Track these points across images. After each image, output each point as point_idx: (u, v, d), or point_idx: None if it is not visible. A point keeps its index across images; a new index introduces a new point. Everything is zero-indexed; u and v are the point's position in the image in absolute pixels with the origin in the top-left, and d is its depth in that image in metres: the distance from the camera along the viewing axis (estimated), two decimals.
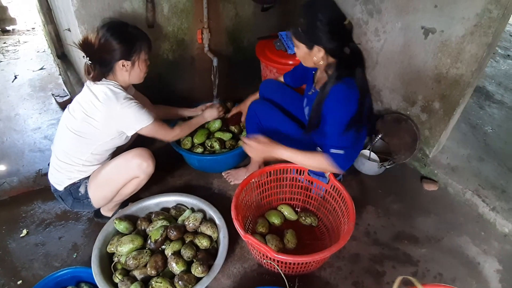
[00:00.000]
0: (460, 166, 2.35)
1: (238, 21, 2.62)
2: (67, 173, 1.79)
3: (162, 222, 1.80)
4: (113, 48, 1.62)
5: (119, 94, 1.68)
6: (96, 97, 1.66)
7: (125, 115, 1.68)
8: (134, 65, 1.71)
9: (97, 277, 1.56)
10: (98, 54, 1.61)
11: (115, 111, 1.66)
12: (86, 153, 1.76)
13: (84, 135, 1.72)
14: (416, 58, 2.19)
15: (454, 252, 1.94)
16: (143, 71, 1.79)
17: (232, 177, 2.28)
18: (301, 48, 1.60)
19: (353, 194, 1.78)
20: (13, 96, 3.16)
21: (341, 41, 1.53)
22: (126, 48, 1.65)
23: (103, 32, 1.62)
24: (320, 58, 1.58)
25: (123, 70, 1.70)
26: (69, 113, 1.76)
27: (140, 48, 1.70)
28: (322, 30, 1.48)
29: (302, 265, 1.64)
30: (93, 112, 1.67)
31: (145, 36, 1.75)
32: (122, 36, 1.64)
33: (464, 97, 2.08)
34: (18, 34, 4.56)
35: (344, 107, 1.55)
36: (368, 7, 2.34)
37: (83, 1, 1.90)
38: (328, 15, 1.48)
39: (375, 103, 2.62)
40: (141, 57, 1.73)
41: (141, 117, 1.72)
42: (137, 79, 1.80)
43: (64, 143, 1.77)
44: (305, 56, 1.63)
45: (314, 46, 1.55)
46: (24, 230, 1.97)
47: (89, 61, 1.61)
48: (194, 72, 2.63)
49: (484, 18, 1.80)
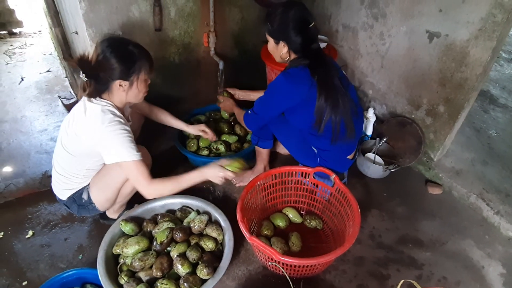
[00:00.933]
0: (465, 169, 2.35)
1: (244, 25, 2.64)
2: (67, 185, 1.78)
3: (168, 224, 1.80)
4: (111, 66, 1.52)
5: (107, 117, 1.56)
6: (85, 114, 1.57)
7: (106, 140, 1.56)
8: (132, 86, 1.61)
9: (103, 278, 1.56)
10: (95, 71, 1.52)
11: (98, 133, 1.55)
12: (82, 170, 1.74)
13: (74, 154, 1.67)
14: (421, 61, 2.19)
15: (458, 255, 1.94)
16: (142, 92, 1.68)
17: (237, 179, 2.29)
18: (270, 42, 1.81)
19: (358, 197, 1.79)
20: (20, 98, 3.18)
21: (305, 41, 1.71)
22: (125, 68, 1.55)
23: (102, 48, 1.52)
24: (285, 53, 1.78)
25: (120, 90, 1.60)
26: (64, 129, 1.70)
27: (140, 68, 1.59)
28: (288, 28, 1.68)
29: (307, 267, 1.64)
30: (81, 129, 1.59)
31: (147, 55, 1.64)
32: (122, 55, 1.54)
33: (468, 100, 2.09)
34: (25, 36, 4.59)
35: (270, 87, 1.81)
36: (373, 11, 2.36)
37: (91, 5, 1.92)
38: (296, 17, 1.68)
39: (379, 106, 2.62)
40: (141, 78, 1.62)
41: (124, 149, 1.56)
42: (135, 99, 1.69)
43: (60, 159, 1.75)
44: (273, 50, 1.83)
45: (280, 41, 1.75)
46: (30, 231, 1.98)
47: (85, 77, 1.51)
48: (200, 75, 2.65)
49: (488, 22, 1.81)
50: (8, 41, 4.39)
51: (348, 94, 1.78)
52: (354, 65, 2.71)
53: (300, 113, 1.80)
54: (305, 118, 1.79)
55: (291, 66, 1.76)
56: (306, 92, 1.70)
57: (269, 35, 1.78)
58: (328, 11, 2.75)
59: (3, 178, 2.26)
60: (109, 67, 1.52)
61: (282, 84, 1.72)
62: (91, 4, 1.92)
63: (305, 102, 1.73)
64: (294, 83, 1.70)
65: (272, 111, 1.85)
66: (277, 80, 1.74)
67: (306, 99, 1.72)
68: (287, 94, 1.74)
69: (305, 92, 1.70)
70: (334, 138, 1.78)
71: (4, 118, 2.89)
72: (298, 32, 1.68)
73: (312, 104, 1.71)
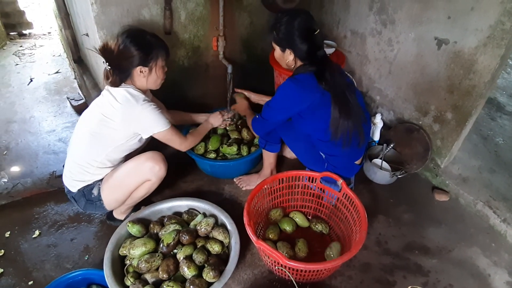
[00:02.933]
0: (472, 177, 2.34)
1: (253, 29, 2.65)
2: (81, 175, 1.81)
3: (175, 226, 1.81)
4: (131, 54, 1.67)
5: (138, 96, 1.72)
6: (116, 99, 1.70)
7: (143, 117, 1.72)
8: (151, 71, 1.76)
9: (109, 279, 1.57)
10: (117, 60, 1.66)
11: (134, 113, 1.70)
12: (101, 155, 1.78)
13: (100, 136, 1.75)
14: (429, 68, 2.19)
15: (464, 263, 1.92)
16: (160, 78, 1.83)
17: (244, 183, 2.29)
18: (276, 50, 1.83)
19: (365, 203, 1.78)
20: (29, 98, 3.21)
21: (311, 48, 1.72)
22: (144, 55, 1.70)
23: (122, 38, 1.67)
24: (291, 60, 1.79)
25: (140, 76, 1.74)
26: (87, 116, 1.81)
27: (157, 55, 1.75)
28: (294, 37, 1.70)
29: (313, 272, 1.64)
30: (112, 113, 1.71)
31: (163, 44, 1.80)
32: (140, 43, 1.69)
33: (476, 108, 2.08)
34: (34, 38, 4.64)
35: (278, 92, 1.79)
36: (382, 17, 2.36)
37: (103, 7, 1.94)
38: (301, 25, 1.69)
39: (387, 112, 2.62)
40: (158, 64, 1.77)
41: (158, 121, 1.76)
42: (154, 85, 1.84)
43: (79, 144, 1.80)
44: (279, 57, 1.85)
45: (286, 49, 1.76)
46: (37, 231, 2.00)
47: (109, 66, 1.66)
48: (208, 78, 2.66)
49: (497, 30, 1.81)
50: (18, 42, 4.45)
51: (357, 101, 1.79)
52: (362, 71, 2.71)
53: (310, 119, 1.81)
54: (316, 126, 1.81)
55: (298, 73, 1.77)
56: (316, 99, 1.71)
57: (275, 43, 1.80)
58: (337, 16, 2.76)
59: (11, 178, 2.29)
60: (130, 55, 1.67)
61: (290, 89, 1.73)
62: (103, 6, 1.94)
63: (313, 109, 1.74)
64: (302, 88, 1.71)
65: (280, 116, 1.86)
66: (284, 85, 1.75)
67: (315, 106, 1.73)
68: (295, 99, 1.74)
69: (315, 99, 1.71)
70: (345, 145, 1.79)
71: (13, 119, 2.92)
72: (303, 40, 1.70)
73: (323, 112, 1.73)
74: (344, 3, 2.66)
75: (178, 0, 2.19)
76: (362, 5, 2.50)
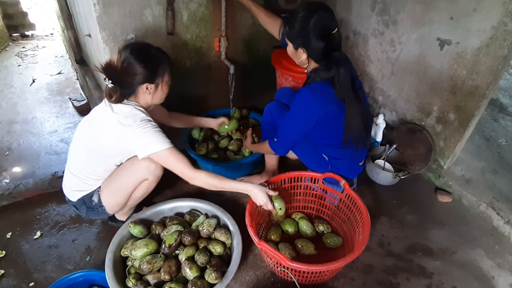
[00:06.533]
0: (475, 178, 2.33)
1: (255, 30, 2.65)
2: (79, 186, 1.79)
3: (176, 227, 1.80)
4: (137, 72, 1.57)
5: (138, 115, 1.62)
6: (114, 116, 1.61)
7: (138, 136, 1.60)
8: (157, 88, 1.68)
9: (111, 280, 1.56)
10: (121, 77, 1.55)
11: (130, 132, 1.59)
12: (99, 170, 1.76)
13: (96, 153, 1.71)
14: (432, 69, 2.19)
15: (468, 265, 1.91)
16: (165, 93, 1.75)
17: None
18: (289, 47, 1.70)
19: (367, 204, 1.78)
20: (31, 99, 3.22)
21: (326, 48, 1.58)
22: (150, 72, 1.61)
23: (126, 54, 1.56)
24: (304, 59, 1.67)
25: (146, 93, 1.66)
26: (84, 128, 1.74)
27: (163, 71, 1.66)
28: (309, 36, 1.56)
29: (315, 274, 1.63)
30: (108, 130, 1.63)
31: (168, 58, 1.71)
32: (146, 60, 1.59)
33: (479, 109, 2.07)
34: (37, 39, 4.66)
35: (294, 108, 1.68)
36: (384, 18, 2.36)
37: (105, 8, 1.94)
38: (318, 22, 1.54)
39: (389, 113, 2.62)
40: (164, 80, 1.69)
41: (156, 141, 1.60)
42: (159, 100, 1.76)
43: (77, 158, 1.77)
44: (292, 54, 1.72)
45: (299, 47, 1.64)
46: (38, 232, 1.99)
47: (111, 84, 1.53)
48: (210, 79, 2.66)
49: (499, 31, 1.81)
50: (21, 43, 4.46)
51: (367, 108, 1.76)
52: (364, 71, 2.71)
53: (321, 128, 1.74)
54: (327, 134, 1.78)
55: (313, 80, 1.66)
56: (333, 110, 1.65)
57: (288, 39, 1.67)
58: (339, 17, 2.76)
59: (12, 178, 2.28)
60: (135, 72, 1.57)
61: (308, 99, 1.62)
62: (105, 7, 1.94)
63: (327, 119, 1.68)
64: (319, 98, 1.62)
65: (300, 129, 1.75)
66: (301, 96, 1.63)
67: (330, 117, 1.67)
68: (313, 109, 1.64)
69: (332, 110, 1.65)
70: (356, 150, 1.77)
71: (15, 119, 2.93)
72: (319, 40, 1.55)
73: (338, 121, 1.67)
74: (346, 4, 2.66)
75: (180, 1, 2.18)
76: (364, 6, 2.50)
